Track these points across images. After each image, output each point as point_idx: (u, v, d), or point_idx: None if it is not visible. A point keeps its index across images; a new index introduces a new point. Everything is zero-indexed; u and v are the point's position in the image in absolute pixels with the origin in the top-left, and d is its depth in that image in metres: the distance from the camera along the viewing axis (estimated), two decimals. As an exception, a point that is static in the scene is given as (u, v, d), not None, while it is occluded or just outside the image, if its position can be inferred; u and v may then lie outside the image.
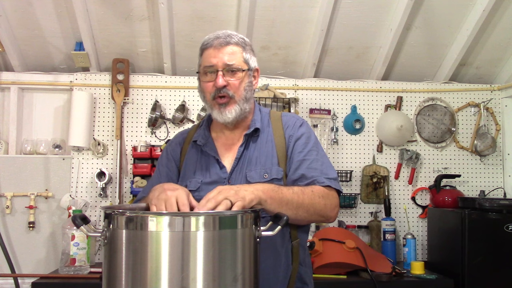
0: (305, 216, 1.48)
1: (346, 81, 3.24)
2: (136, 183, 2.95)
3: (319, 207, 1.48)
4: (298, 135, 1.61)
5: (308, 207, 1.46)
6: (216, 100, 1.56)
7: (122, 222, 1.15)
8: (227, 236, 1.16)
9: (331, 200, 1.52)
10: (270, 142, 1.61)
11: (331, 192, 1.53)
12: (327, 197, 1.50)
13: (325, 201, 1.49)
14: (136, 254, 1.12)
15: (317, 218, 1.52)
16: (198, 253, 1.11)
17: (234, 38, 1.58)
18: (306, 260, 1.61)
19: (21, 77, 3.07)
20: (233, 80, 1.55)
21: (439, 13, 2.90)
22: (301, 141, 1.60)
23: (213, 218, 1.15)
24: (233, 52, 1.56)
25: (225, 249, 1.14)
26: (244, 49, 1.58)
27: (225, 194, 1.27)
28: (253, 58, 1.62)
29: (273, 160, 1.58)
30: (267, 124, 1.66)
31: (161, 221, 1.12)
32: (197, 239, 1.11)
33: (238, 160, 1.59)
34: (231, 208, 1.25)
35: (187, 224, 1.11)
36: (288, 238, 1.55)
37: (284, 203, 1.41)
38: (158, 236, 1.11)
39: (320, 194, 1.49)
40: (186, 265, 1.10)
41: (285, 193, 1.43)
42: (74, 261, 2.63)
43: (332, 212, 1.53)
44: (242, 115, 1.59)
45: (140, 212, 1.18)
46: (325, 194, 1.50)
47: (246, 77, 1.57)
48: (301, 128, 1.63)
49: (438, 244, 2.93)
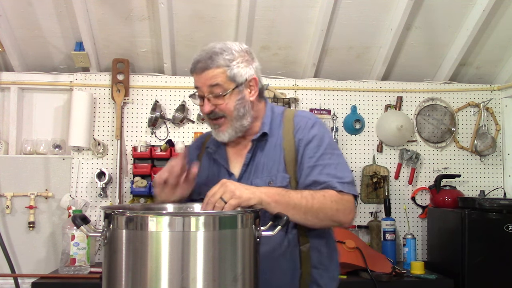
0: (315, 221, 1.45)
1: (346, 81, 3.24)
2: (136, 183, 2.94)
3: (331, 212, 1.44)
4: (309, 138, 1.54)
5: (318, 212, 1.43)
6: (211, 121, 1.57)
7: (122, 222, 1.15)
8: (227, 236, 1.16)
9: (345, 205, 1.47)
10: (279, 146, 1.56)
11: (346, 196, 1.48)
12: (340, 202, 1.46)
13: (338, 206, 1.45)
14: (136, 254, 1.13)
15: (329, 223, 1.49)
16: (198, 253, 1.11)
17: (215, 59, 1.49)
18: (324, 262, 1.57)
19: (21, 77, 3.07)
20: (220, 102, 1.51)
21: (439, 13, 2.90)
22: (312, 145, 1.53)
23: (213, 218, 1.15)
24: (214, 75, 1.48)
25: (225, 249, 1.15)
26: (229, 67, 1.49)
27: (221, 193, 1.31)
28: (244, 70, 1.51)
29: (280, 167, 1.53)
30: (278, 126, 1.60)
31: (161, 221, 1.12)
32: (197, 239, 1.11)
33: (246, 166, 1.57)
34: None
35: (187, 224, 1.11)
36: (296, 243, 1.51)
37: (291, 207, 1.39)
38: (158, 236, 1.11)
39: (332, 199, 1.45)
40: (186, 265, 1.10)
41: (292, 197, 1.41)
42: (74, 261, 2.63)
43: (346, 217, 1.48)
44: (239, 132, 1.56)
45: (140, 212, 1.18)
46: (338, 198, 1.45)
47: (235, 94, 1.51)
48: (313, 130, 1.55)
49: (438, 244, 2.93)
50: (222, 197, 1.31)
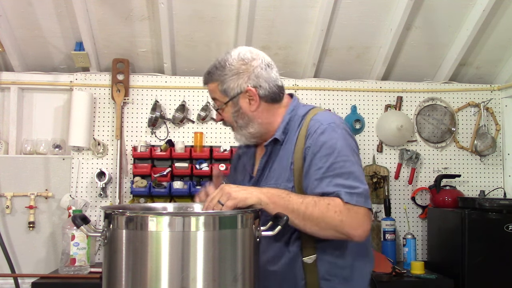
0: (316, 229, 1.38)
1: (346, 81, 3.24)
2: (136, 183, 2.94)
3: (334, 222, 1.36)
4: (317, 146, 1.44)
5: (319, 220, 1.36)
6: None
7: (122, 222, 1.15)
8: (227, 236, 1.16)
9: (352, 217, 1.36)
10: (290, 153, 1.50)
11: (355, 208, 1.37)
12: (346, 213, 1.35)
13: (342, 217, 1.35)
14: (136, 254, 1.13)
15: (334, 233, 1.38)
16: (198, 253, 1.11)
17: (212, 73, 1.54)
18: (339, 274, 1.49)
19: (21, 77, 3.07)
20: (224, 114, 1.58)
21: (439, 13, 2.90)
22: (321, 154, 1.43)
23: (213, 218, 1.15)
24: (211, 90, 1.56)
25: (225, 249, 1.15)
26: (221, 81, 1.51)
27: (219, 197, 1.33)
28: (235, 83, 1.50)
29: (285, 175, 1.49)
30: (296, 130, 1.53)
31: (161, 221, 1.12)
32: (197, 239, 1.11)
33: (261, 171, 1.57)
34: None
35: (187, 224, 1.12)
36: (297, 255, 1.47)
37: (289, 210, 1.34)
38: (158, 236, 1.11)
39: (336, 209, 1.35)
40: (186, 265, 1.10)
41: (292, 201, 1.37)
42: (74, 261, 2.63)
43: (355, 231, 1.37)
44: (252, 138, 1.59)
45: (140, 212, 1.18)
46: (344, 209, 1.35)
47: (230, 107, 1.54)
48: (322, 136, 1.45)
49: (438, 244, 2.93)
50: (219, 200, 1.32)
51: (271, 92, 1.55)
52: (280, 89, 1.59)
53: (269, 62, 1.57)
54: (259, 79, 1.53)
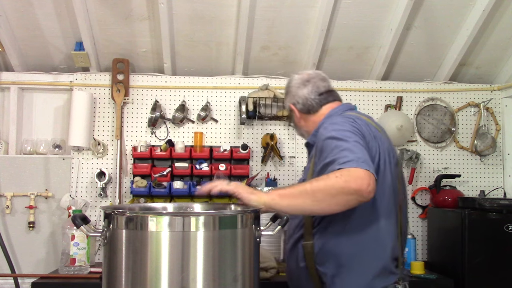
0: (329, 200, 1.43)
1: (346, 81, 3.24)
2: (136, 183, 2.94)
3: (339, 185, 1.41)
4: (318, 149, 1.63)
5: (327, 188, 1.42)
6: None
7: (122, 222, 1.15)
8: (227, 236, 1.16)
9: (353, 175, 1.41)
10: (311, 157, 1.74)
11: (352, 169, 1.42)
12: (347, 173, 1.41)
13: (344, 178, 1.40)
14: (136, 254, 1.13)
15: (346, 198, 1.42)
16: (198, 253, 1.11)
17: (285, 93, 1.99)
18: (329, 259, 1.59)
19: (21, 77, 3.07)
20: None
21: (439, 13, 2.90)
22: (321, 155, 1.58)
23: (213, 218, 1.15)
24: None
25: (225, 249, 1.15)
26: (284, 99, 2.00)
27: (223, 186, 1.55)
28: (286, 103, 1.95)
29: (305, 177, 1.70)
30: None
31: (161, 221, 1.12)
32: (197, 239, 1.11)
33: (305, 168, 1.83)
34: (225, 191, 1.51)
35: (187, 224, 1.12)
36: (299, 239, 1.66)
37: (297, 194, 1.49)
38: (158, 236, 1.11)
39: (337, 174, 1.42)
40: (186, 265, 1.10)
41: (295, 186, 1.56)
42: (74, 261, 2.63)
43: (360, 185, 1.40)
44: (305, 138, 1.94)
45: (140, 212, 1.18)
46: (343, 172, 1.42)
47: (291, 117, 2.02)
48: (320, 140, 1.63)
49: (438, 244, 2.93)
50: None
51: (306, 105, 1.88)
52: (317, 101, 1.87)
53: (306, 79, 1.91)
54: (295, 97, 1.90)
